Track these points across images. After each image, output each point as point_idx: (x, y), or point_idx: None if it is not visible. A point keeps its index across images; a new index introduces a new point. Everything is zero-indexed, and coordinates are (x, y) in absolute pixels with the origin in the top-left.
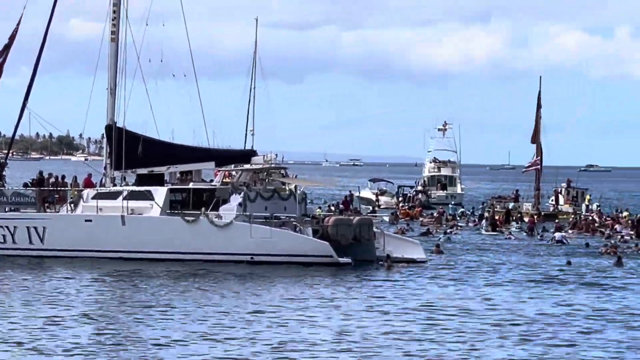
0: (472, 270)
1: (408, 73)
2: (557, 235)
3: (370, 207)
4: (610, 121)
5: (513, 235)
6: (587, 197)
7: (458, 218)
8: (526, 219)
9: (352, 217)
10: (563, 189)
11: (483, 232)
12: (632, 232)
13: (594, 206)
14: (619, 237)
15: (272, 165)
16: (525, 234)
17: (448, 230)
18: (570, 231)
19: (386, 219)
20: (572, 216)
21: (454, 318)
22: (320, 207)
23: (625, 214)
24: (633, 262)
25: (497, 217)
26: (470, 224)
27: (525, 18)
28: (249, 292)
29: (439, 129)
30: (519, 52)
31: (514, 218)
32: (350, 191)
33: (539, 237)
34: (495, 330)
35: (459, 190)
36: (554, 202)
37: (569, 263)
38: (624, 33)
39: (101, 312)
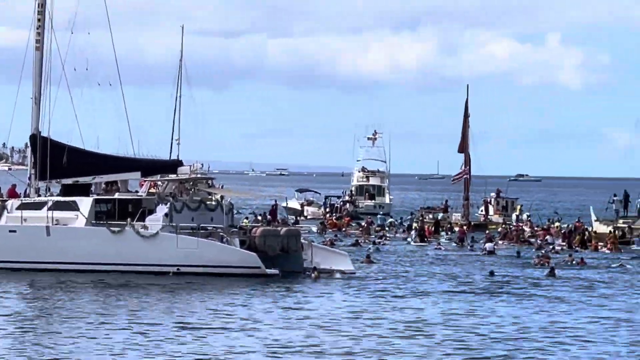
0: (401, 281)
1: (335, 81)
2: (488, 245)
3: (294, 218)
4: (541, 130)
5: (442, 246)
6: (518, 207)
7: (387, 228)
8: (456, 229)
9: (279, 228)
10: (492, 199)
11: (411, 242)
12: (563, 243)
13: (524, 216)
14: (550, 247)
15: (199, 176)
16: (455, 244)
17: (377, 241)
18: (500, 242)
19: (314, 229)
20: (502, 226)
21: (380, 329)
22: (247, 218)
23: (556, 224)
24: (565, 273)
25: (425, 228)
26: (399, 235)
27: (454, 25)
28: (174, 303)
29: (368, 138)
30: (448, 59)
31: (444, 228)
32: (275, 201)
33: (469, 248)
34: (422, 340)
35: (387, 200)
36: (483, 212)
37: (491, 274)
38: (554, 40)
39: (22, 324)
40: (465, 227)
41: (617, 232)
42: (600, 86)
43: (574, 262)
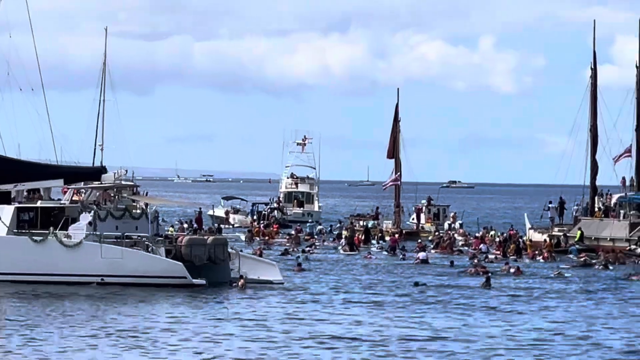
0: (330, 291)
1: (263, 85)
2: (421, 254)
3: (217, 226)
4: (473, 135)
5: (373, 255)
6: (452, 214)
7: (316, 237)
8: (387, 238)
9: (206, 237)
10: (424, 207)
11: (340, 251)
12: (498, 252)
13: (457, 224)
14: (484, 257)
15: (123, 183)
16: (386, 253)
17: (306, 249)
18: (433, 250)
19: (243, 237)
20: (435, 235)
21: (307, 340)
22: (172, 226)
23: (492, 232)
24: (501, 283)
25: (355, 236)
26: (327, 243)
27: (385, 27)
28: (97, 314)
29: (297, 144)
30: (379, 63)
31: (375, 237)
32: (199, 208)
33: (401, 257)
34: (349, 350)
35: (316, 208)
36: (415, 220)
37: (416, 284)
38: (487, 43)
39: None
40: (397, 236)
41: (552, 240)
42: (534, 90)
43: (510, 271)
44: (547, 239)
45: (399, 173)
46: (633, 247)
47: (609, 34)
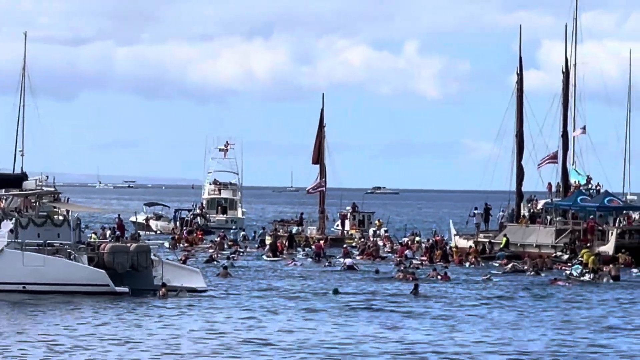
0: (253, 299)
1: (186, 90)
2: (348, 261)
3: (136, 232)
4: (398, 140)
5: (297, 262)
6: (377, 221)
7: (240, 243)
8: (312, 244)
9: (129, 244)
10: (349, 213)
11: (264, 257)
12: (424, 258)
13: (382, 231)
14: (410, 263)
15: (45, 190)
16: (311, 259)
17: (231, 256)
18: (358, 257)
19: (167, 244)
20: (360, 241)
21: (231, 350)
22: (95, 233)
23: (417, 238)
24: (429, 289)
25: (278, 242)
26: (251, 249)
27: (309, 32)
28: (15, 324)
29: (220, 149)
30: (303, 67)
31: (301, 243)
32: (118, 215)
33: (327, 264)
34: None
35: (240, 214)
36: (340, 227)
37: (335, 292)
38: (412, 48)
39: None
40: (322, 242)
41: (478, 246)
42: (460, 95)
43: (438, 278)
44: (473, 246)
45: (323, 179)
46: (559, 253)
47: (534, 38)
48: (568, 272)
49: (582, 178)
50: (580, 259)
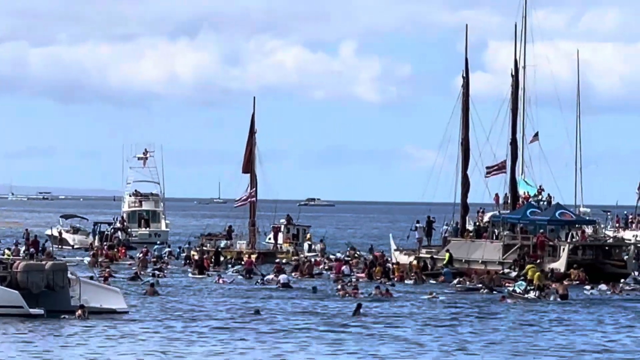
0: (178, 318)
1: (106, 94)
2: (282, 277)
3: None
4: (335, 148)
5: (226, 279)
6: (308, 235)
7: (165, 259)
8: (244, 258)
9: (44, 262)
10: (283, 226)
11: (189, 274)
12: (362, 275)
13: (318, 247)
14: (348, 280)
15: None
16: (241, 277)
17: (156, 273)
18: (293, 274)
19: (86, 261)
20: (294, 258)
21: None
22: (9, 249)
23: (357, 254)
24: (372, 307)
25: (205, 258)
26: (178, 266)
27: (238, 32)
28: None
29: (138, 158)
30: (232, 70)
31: (230, 258)
32: (26, 230)
33: (260, 281)
34: None
35: (163, 227)
36: (272, 240)
37: (257, 312)
38: (349, 50)
39: None
40: (254, 258)
41: (420, 262)
42: (400, 100)
43: (380, 295)
44: (415, 262)
45: (254, 189)
46: (507, 270)
47: (481, 39)
48: (511, 288)
49: (532, 189)
50: (524, 274)
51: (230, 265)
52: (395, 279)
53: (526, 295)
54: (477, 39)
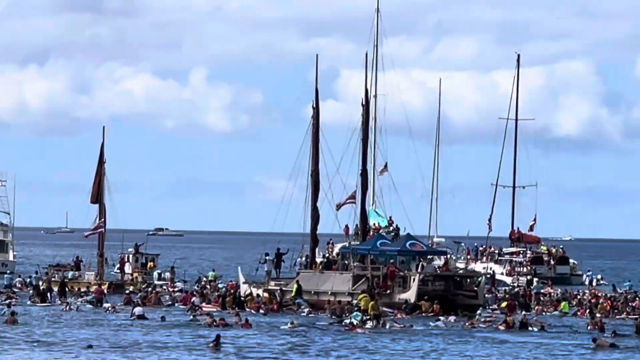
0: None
1: None
2: (137, 310)
3: None
4: (184, 178)
5: (74, 308)
6: (150, 263)
7: (15, 289)
8: (93, 289)
9: None
10: (130, 255)
11: (29, 302)
12: (216, 305)
13: (168, 275)
14: (198, 311)
15: None
16: (91, 306)
17: (7, 303)
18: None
19: None
20: (142, 288)
21: None
22: None
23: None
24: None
25: (55, 288)
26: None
27: (87, 59)
28: None
29: None
30: (81, 98)
31: (78, 290)
32: None
33: (110, 310)
34: None
35: (11, 257)
36: (119, 270)
37: (89, 347)
38: (198, 77)
39: None
40: (106, 287)
41: (271, 295)
42: (251, 129)
43: (240, 325)
44: (265, 294)
45: (102, 219)
46: (356, 301)
47: (334, 67)
48: (347, 321)
49: (382, 220)
50: (357, 305)
51: (78, 296)
52: (252, 309)
53: (365, 326)
54: (329, 67)
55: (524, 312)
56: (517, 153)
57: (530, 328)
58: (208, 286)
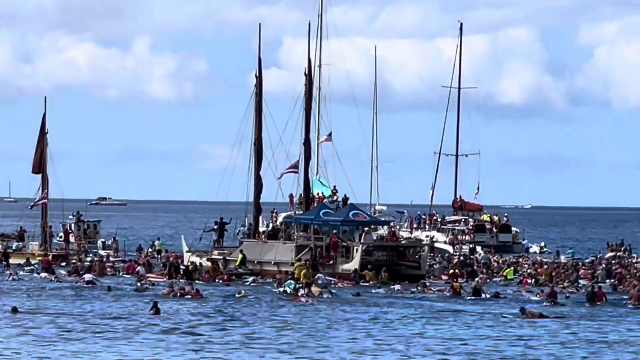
0: None
1: None
2: (87, 276)
3: None
4: (128, 147)
5: (15, 276)
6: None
7: None
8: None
9: None
10: (73, 224)
11: None
12: (158, 277)
13: (111, 242)
14: (143, 279)
15: None
16: (37, 274)
17: None
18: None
19: None
20: (87, 255)
21: None
22: None
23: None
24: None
25: None
26: None
27: (30, 28)
28: None
29: None
30: (24, 67)
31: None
32: None
33: (53, 279)
34: None
35: None
36: (63, 240)
37: (15, 310)
38: (142, 46)
39: None
40: (50, 257)
41: (214, 264)
42: (195, 98)
43: (191, 295)
44: (209, 263)
45: (46, 190)
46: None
47: (277, 36)
48: (281, 289)
49: (326, 189)
50: (291, 273)
51: (25, 266)
52: (202, 279)
53: (299, 294)
54: (273, 36)
55: (477, 279)
56: (460, 121)
57: (483, 295)
58: (156, 254)
